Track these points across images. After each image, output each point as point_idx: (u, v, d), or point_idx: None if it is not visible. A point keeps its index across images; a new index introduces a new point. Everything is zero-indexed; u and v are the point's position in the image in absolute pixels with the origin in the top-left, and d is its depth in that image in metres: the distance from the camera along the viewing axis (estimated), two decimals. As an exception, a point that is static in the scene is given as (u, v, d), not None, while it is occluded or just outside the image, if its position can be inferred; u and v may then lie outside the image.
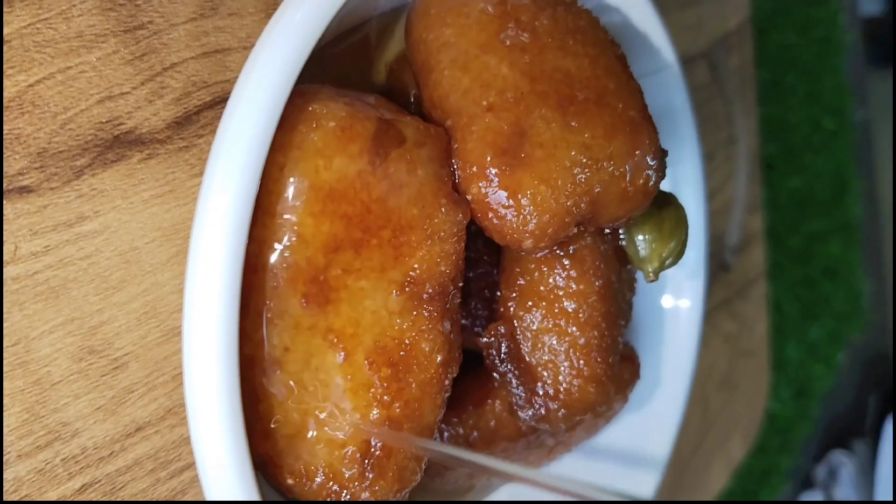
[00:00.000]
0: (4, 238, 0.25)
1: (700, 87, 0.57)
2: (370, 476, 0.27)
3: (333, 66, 0.30)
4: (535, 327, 0.32)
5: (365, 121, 0.26)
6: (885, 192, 0.96)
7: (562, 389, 0.32)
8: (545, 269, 0.32)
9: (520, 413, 0.33)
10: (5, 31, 0.25)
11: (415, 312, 0.27)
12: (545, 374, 0.32)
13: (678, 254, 0.34)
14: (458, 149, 0.28)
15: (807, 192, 0.77)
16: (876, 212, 0.93)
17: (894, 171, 0.95)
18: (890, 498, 0.81)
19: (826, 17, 0.82)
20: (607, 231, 0.33)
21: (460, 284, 0.29)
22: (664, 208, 0.33)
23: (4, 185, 0.25)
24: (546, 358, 0.32)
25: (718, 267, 0.62)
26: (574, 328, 0.32)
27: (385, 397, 0.27)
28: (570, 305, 0.32)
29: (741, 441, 0.68)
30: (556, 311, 0.32)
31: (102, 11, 0.27)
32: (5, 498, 0.25)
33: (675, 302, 0.43)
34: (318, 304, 0.26)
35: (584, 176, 0.28)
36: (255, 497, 0.25)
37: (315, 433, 0.27)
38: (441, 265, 0.27)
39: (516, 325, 0.33)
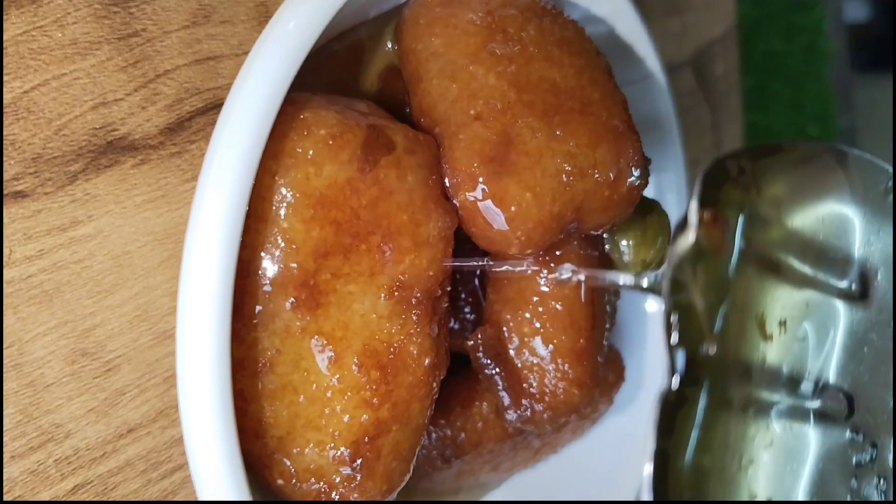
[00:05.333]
0: (-1, 242, 0.25)
1: (686, 94, 0.58)
2: (359, 477, 0.27)
3: (325, 73, 0.31)
4: (520, 330, 0.33)
5: (355, 128, 0.27)
6: (868, 198, 0.97)
7: (547, 392, 0.33)
8: (531, 273, 0.33)
9: (506, 415, 0.34)
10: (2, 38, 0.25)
11: (403, 316, 0.27)
12: (531, 376, 0.33)
13: (662, 259, 0.34)
14: (446, 156, 0.28)
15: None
16: (859, 217, 0.94)
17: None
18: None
19: (811, 24, 0.83)
20: (592, 236, 0.34)
21: (448, 288, 0.29)
22: (648, 214, 0.34)
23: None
24: (532, 361, 0.33)
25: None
26: (559, 331, 0.33)
27: (374, 399, 0.27)
28: (555, 309, 0.33)
29: (726, 443, 0.69)
30: (542, 314, 0.33)
31: (97, 19, 0.27)
32: (-2, 498, 0.26)
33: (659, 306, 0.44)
34: (308, 307, 0.27)
35: (569, 184, 0.28)
36: (247, 497, 0.25)
37: (305, 434, 0.27)
38: (429, 270, 0.28)
39: (503, 328, 0.33)
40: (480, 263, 0.31)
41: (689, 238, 0.20)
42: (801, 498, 0.22)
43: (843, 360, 0.22)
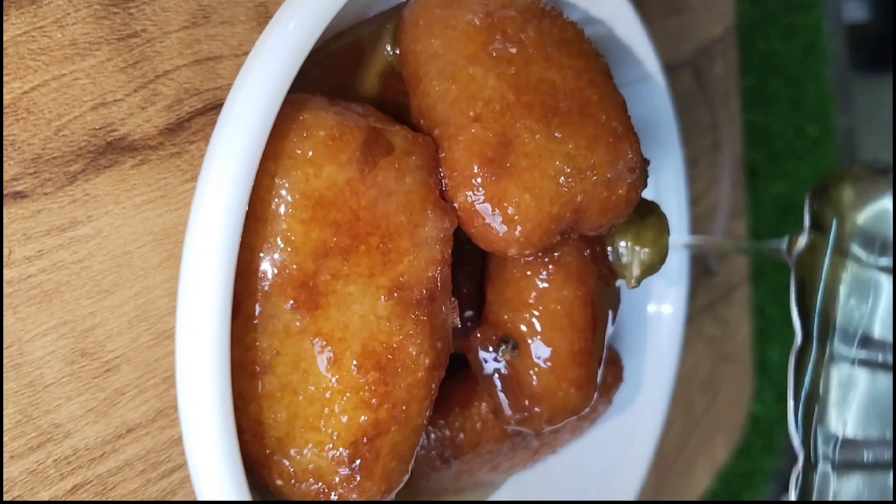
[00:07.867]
0: (-1, 242, 0.26)
1: (685, 95, 0.58)
2: (358, 477, 0.27)
3: (325, 74, 0.31)
4: (519, 331, 0.33)
5: (354, 130, 0.27)
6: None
7: (546, 393, 0.33)
8: (530, 274, 0.33)
9: (504, 416, 0.34)
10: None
11: (402, 317, 0.27)
12: (530, 377, 0.33)
13: (660, 261, 0.34)
14: (445, 158, 0.28)
15: (790, 198, 0.78)
16: (858, 217, 0.94)
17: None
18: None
19: (810, 24, 0.83)
20: (591, 237, 0.34)
21: (447, 289, 0.29)
22: (646, 216, 0.34)
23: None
24: (530, 361, 0.33)
25: (703, 271, 0.63)
26: (558, 333, 0.33)
27: (373, 400, 0.27)
28: (554, 310, 0.33)
29: (725, 443, 0.69)
30: (541, 315, 0.33)
31: (96, 20, 0.27)
32: (-2, 498, 0.26)
33: (658, 307, 0.44)
34: (307, 308, 0.27)
35: (567, 185, 0.28)
36: (246, 497, 0.25)
37: (304, 435, 0.27)
38: (428, 271, 0.28)
39: (501, 328, 0.33)
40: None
41: (805, 236, 0.32)
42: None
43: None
